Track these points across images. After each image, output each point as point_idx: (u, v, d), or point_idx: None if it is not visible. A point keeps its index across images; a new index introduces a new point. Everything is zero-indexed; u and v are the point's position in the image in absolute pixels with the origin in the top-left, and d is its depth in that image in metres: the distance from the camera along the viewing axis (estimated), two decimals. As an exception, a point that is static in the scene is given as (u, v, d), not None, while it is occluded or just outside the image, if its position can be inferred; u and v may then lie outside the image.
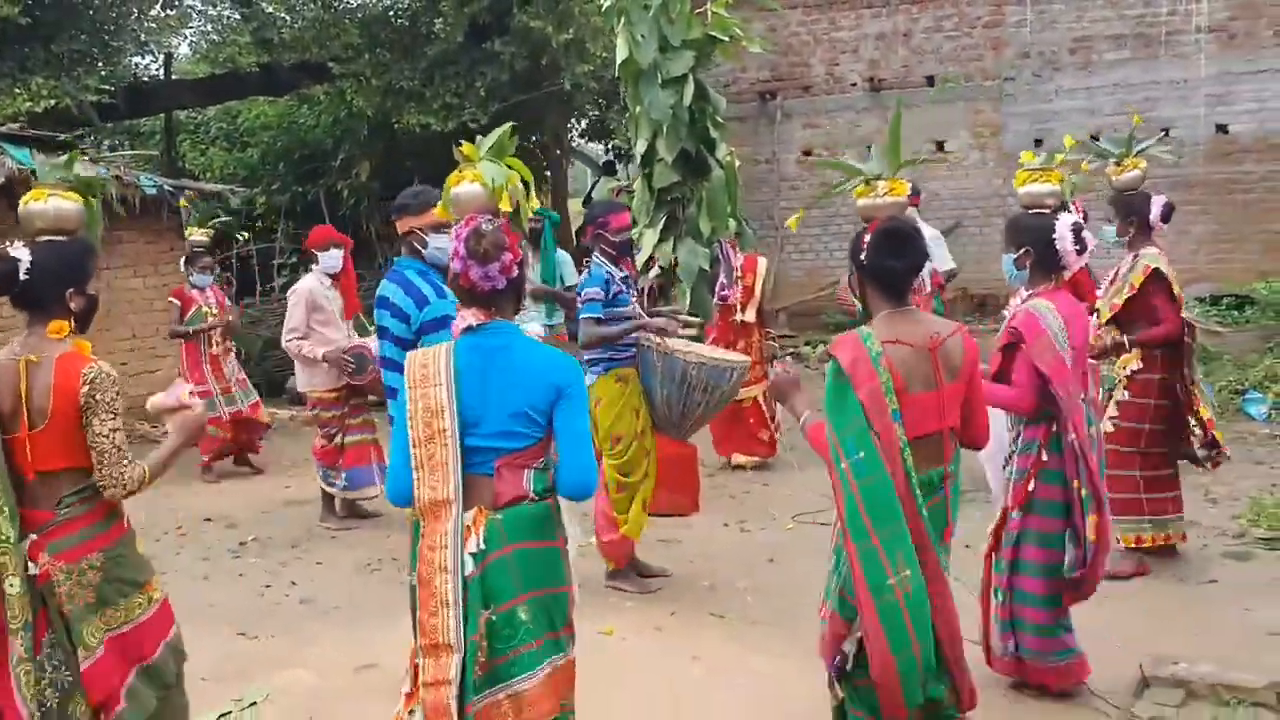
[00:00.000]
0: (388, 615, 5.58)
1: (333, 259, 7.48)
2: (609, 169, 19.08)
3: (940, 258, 8.26)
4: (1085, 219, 4.76)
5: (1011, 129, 13.88)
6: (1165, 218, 5.64)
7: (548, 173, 15.89)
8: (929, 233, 8.50)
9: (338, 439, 7.40)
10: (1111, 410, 5.59)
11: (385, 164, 14.07)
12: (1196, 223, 12.89)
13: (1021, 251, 4.28)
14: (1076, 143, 5.63)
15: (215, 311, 8.92)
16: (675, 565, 6.21)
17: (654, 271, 6.59)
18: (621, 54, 6.35)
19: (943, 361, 3.27)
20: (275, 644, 5.37)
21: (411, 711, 3.02)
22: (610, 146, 17.44)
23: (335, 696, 4.72)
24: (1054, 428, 4.13)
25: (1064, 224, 4.18)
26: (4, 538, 3.14)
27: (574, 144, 18.56)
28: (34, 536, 3.17)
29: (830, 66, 14.90)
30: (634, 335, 5.59)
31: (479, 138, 4.46)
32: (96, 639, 3.22)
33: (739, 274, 7.94)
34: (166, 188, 10.68)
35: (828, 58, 14.89)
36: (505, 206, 4.22)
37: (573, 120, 16.28)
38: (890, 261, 3.30)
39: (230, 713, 4.55)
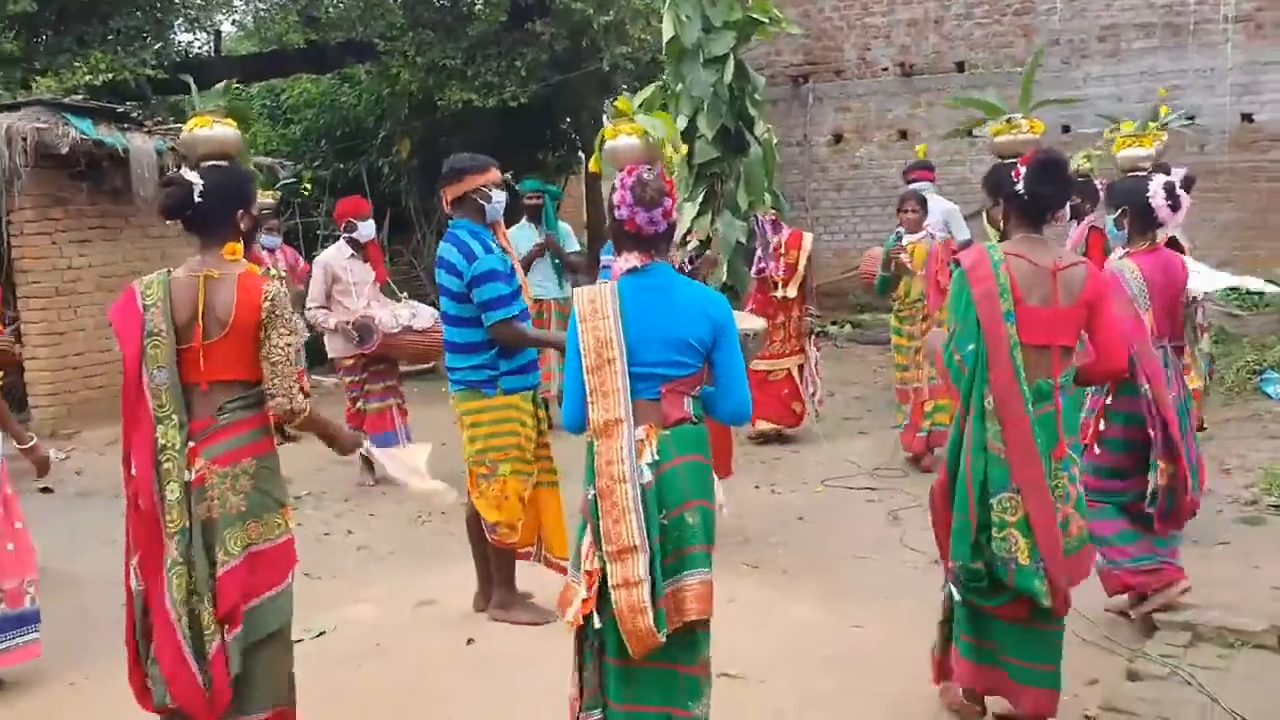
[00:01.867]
0: (442, 560, 5.93)
1: (370, 228, 7.80)
2: (640, 149, 19.27)
3: (959, 227, 8.70)
4: (1110, 191, 5.03)
5: (1039, 116, 14.02)
6: (1186, 188, 5.93)
7: (581, 154, 16.12)
8: (945, 206, 8.86)
9: (360, 404, 7.65)
10: None
11: (425, 141, 14.38)
12: (1221, 210, 13.06)
13: (1119, 212, 4.66)
14: (1169, 110, 5.69)
15: (285, 275, 9.08)
16: (710, 521, 6.51)
17: (693, 244, 6.86)
18: (667, 33, 6.61)
19: (1062, 285, 3.61)
20: (337, 584, 5.71)
21: (588, 617, 3.20)
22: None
23: (399, 628, 5.06)
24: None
25: (1157, 184, 4.55)
26: (171, 444, 3.30)
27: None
28: (192, 443, 3.31)
29: (862, 51, 15.11)
30: None
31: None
32: (239, 548, 3.31)
33: (783, 250, 8.18)
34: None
35: (860, 43, 15.10)
36: (665, 156, 4.64)
37: (605, 102, 16.49)
38: (1046, 188, 3.66)
39: (301, 640, 4.87)
